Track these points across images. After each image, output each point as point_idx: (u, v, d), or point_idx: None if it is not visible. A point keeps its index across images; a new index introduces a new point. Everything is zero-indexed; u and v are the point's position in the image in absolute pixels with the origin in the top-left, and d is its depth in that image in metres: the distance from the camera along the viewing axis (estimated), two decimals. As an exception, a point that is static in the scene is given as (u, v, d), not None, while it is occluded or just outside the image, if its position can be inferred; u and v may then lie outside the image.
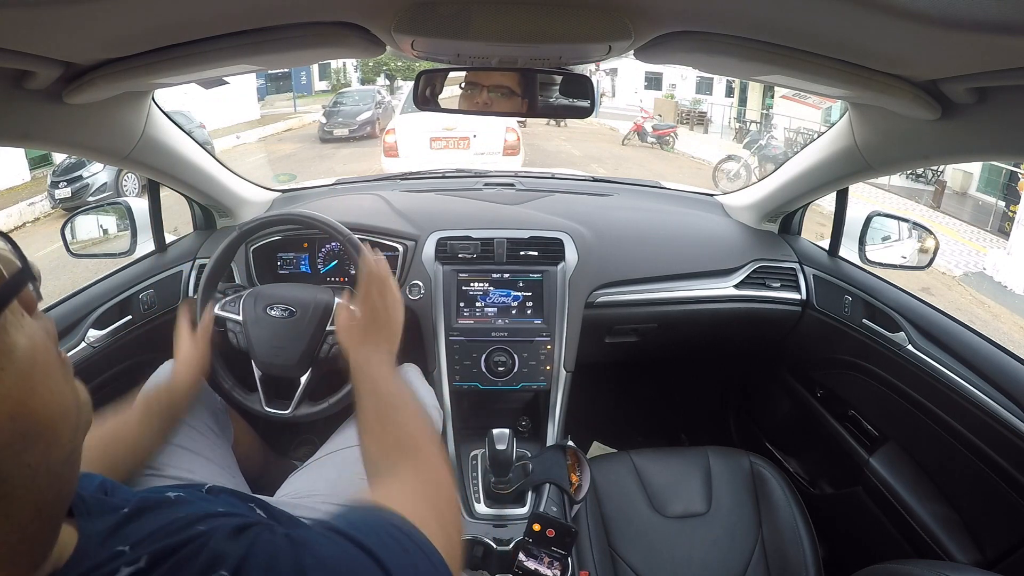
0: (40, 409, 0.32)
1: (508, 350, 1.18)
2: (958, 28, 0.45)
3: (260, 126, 13.38)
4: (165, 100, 1.03)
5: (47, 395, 0.33)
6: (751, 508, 1.12)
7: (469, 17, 0.59)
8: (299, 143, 11.93)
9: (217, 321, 1.02)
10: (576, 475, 1.03)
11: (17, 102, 0.68)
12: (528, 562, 0.85)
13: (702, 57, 0.68)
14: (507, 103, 0.88)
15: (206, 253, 1.30)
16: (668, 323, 1.34)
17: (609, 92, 21.00)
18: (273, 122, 13.87)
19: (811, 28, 0.57)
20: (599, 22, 0.59)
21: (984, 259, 7.06)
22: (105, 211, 1.34)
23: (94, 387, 1.10)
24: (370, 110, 11.51)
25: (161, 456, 0.85)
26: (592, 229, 1.32)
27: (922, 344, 1.07)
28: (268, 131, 13.09)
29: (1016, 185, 8.61)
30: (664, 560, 1.05)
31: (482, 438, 1.00)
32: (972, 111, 0.69)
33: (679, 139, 12.62)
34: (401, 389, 0.72)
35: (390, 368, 0.76)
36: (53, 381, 0.34)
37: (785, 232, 1.45)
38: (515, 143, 5.66)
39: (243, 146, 11.65)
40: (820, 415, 1.34)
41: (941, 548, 1.00)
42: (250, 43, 0.64)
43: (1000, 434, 0.90)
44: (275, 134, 13.06)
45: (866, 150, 0.98)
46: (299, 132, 13.56)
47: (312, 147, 11.24)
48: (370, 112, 11.46)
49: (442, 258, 1.25)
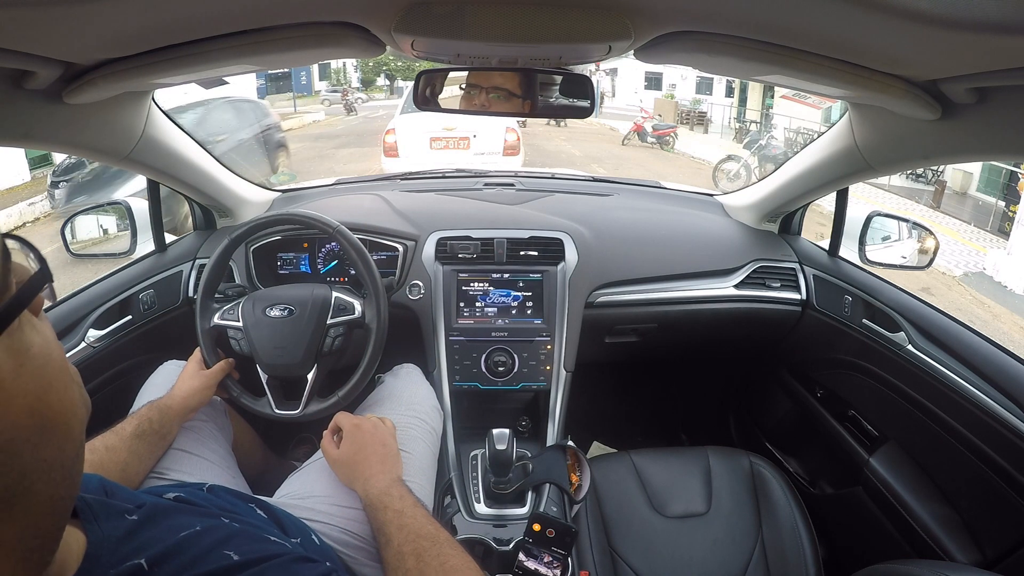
0: (55, 404, 0.33)
1: (508, 350, 1.18)
2: (958, 28, 0.45)
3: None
4: (165, 100, 1.03)
5: (61, 390, 0.34)
6: (751, 508, 1.12)
7: (469, 17, 0.59)
8: (299, 143, 11.92)
9: (217, 330, 1.02)
10: (576, 475, 1.03)
11: (17, 102, 0.68)
12: (528, 562, 0.84)
13: (702, 57, 0.67)
14: (507, 104, 0.88)
15: (206, 253, 1.30)
16: (668, 323, 1.34)
17: (609, 92, 21.00)
18: (273, 122, 13.85)
19: (811, 28, 0.57)
20: (599, 22, 0.59)
21: (984, 259, 7.06)
22: (105, 211, 1.34)
23: (94, 387, 1.10)
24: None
25: (161, 456, 0.84)
26: (592, 229, 1.32)
27: (922, 344, 1.07)
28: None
29: (1016, 185, 8.61)
30: (664, 560, 1.05)
31: (482, 438, 1.00)
32: (972, 111, 0.69)
33: (679, 139, 12.63)
34: (429, 518, 0.70)
35: (409, 495, 0.74)
36: (66, 376, 0.35)
37: (785, 232, 1.45)
38: (515, 143, 5.65)
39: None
40: (820, 415, 1.34)
41: (941, 548, 1.00)
42: (250, 43, 0.64)
43: (1000, 434, 0.90)
44: (275, 134, 13.05)
45: (866, 150, 0.98)
46: (299, 132, 13.55)
47: (312, 147, 11.24)
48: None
49: (442, 258, 1.25)
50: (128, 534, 0.41)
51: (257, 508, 0.65)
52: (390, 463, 0.81)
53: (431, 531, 0.66)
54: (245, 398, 1.01)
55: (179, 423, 0.89)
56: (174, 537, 0.42)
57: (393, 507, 0.70)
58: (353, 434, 0.84)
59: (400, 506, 0.70)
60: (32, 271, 0.34)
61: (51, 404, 0.32)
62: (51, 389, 0.33)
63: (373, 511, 0.72)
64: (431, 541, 0.64)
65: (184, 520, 0.46)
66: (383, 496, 0.72)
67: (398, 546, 0.65)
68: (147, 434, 0.81)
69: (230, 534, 0.46)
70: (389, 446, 0.84)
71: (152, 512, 0.46)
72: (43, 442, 0.32)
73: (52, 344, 0.34)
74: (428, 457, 0.97)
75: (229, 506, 0.61)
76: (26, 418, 0.31)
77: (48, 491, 0.33)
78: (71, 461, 0.35)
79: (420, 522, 0.67)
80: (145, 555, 0.39)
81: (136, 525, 0.43)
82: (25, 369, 0.31)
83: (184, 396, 0.91)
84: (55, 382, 0.33)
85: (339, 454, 0.83)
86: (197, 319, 1.02)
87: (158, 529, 0.43)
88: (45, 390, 0.32)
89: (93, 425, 0.40)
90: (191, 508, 0.54)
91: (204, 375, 0.95)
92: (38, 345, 0.32)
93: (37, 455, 0.31)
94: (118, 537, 0.41)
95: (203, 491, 0.65)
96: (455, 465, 1.07)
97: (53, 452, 0.33)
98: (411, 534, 0.66)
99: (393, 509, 0.70)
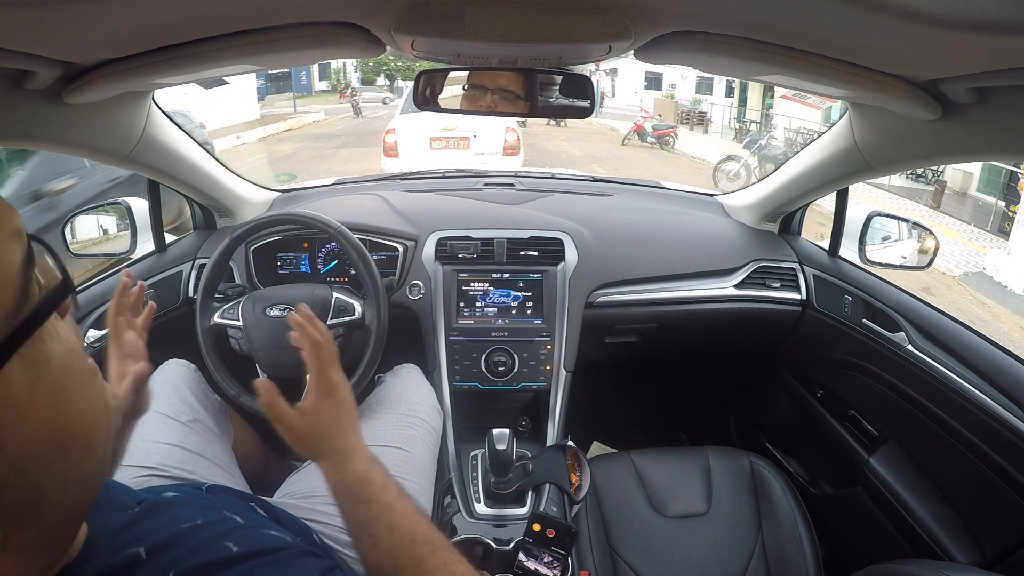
0: (75, 419, 0.32)
1: (508, 350, 1.18)
2: (958, 28, 0.45)
3: (260, 126, 13.38)
4: (165, 100, 1.03)
5: (82, 404, 0.32)
6: (751, 508, 1.12)
7: (469, 17, 0.59)
8: (299, 143, 11.93)
9: (218, 329, 1.02)
10: (576, 475, 1.03)
11: (17, 102, 0.68)
12: (528, 562, 0.84)
13: (702, 57, 0.67)
14: (509, 104, 0.88)
15: (206, 253, 1.30)
16: (668, 323, 1.34)
17: (609, 92, 21.00)
18: (273, 122, 13.87)
19: (811, 28, 0.57)
20: (599, 22, 0.59)
21: (984, 259, 7.06)
22: (105, 211, 1.34)
23: None
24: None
25: (161, 456, 0.84)
26: (592, 229, 1.32)
27: (922, 344, 1.07)
28: (268, 131, 13.07)
29: (1016, 185, 8.61)
30: (664, 560, 1.05)
31: (482, 438, 1.00)
32: (972, 111, 0.69)
33: (679, 139, 12.63)
34: (419, 514, 0.59)
35: (391, 483, 0.61)
36: (88, 388, 0.33)
37: (785, 232, 1.45)
38: (515, 143, 5.66)
39: (243, 146, 11.65)
40: (820, 415, 1.34)
41: (941, 548, 1.00)
42: (250, 43, 0.64)
43: (1000, 434, 0.90)
44: (275, 134, 13.06)
45: (866, 150, 0.98)
46: (299, 132, 13.57)
47: (312, 147, 11.24)
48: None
49: (442, 258, 1.25)
50: (128, 524, 0.41)
51: (257, 507, 0.65)
52: (361, 435, 0.65)
53: (426, 533, 0.57)
54: (244, 398, 1.01)
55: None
56: (175, 528, 0.42)
57: (378, 499, 0.58)
58: (323, 405, 0.63)
59: (386, 499, 0.58)
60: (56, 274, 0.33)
61: (70, 419, 0.31)
62: (70, 403, 0.31)
63: (351, 501, 0.59)
64: (430, 547, 0.56)
65: (186, 513, 0.45)
66: (364, 485, 0.59)
67: (390, 551, 0.56)
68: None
69: (231, 528, 0.46)
70: (352, 404, 0.68)
71: (153, 506, 0.45)
72: (60, 457, 0.31)
73: (75, 353, 0.33)
74: (428, 457, 0.97)
75: (229, 505, 0.61)
76: (42, 434, 0.29)
77: (65, 502, 0.32)
78: (92, 474, 0.34)
79: (412, 521, 0.58)
80: (144, 544, 0.39)
81: (137, 516, 0.43)
82: (42, 383, 0.30)
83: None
84: (75, 396, 0.32)
85: (305, 424, 0.62)
86: (197, 318, 1.02)
87: (159, 520, 0.43)
88: (64, 404, 0.31)
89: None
90: (192, 503, 0.54)
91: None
92: (58, 356, 0.31)
93: (52, 469, 0.30)
94: (118, 526, 0.40)
95: (202, 491, 0.65)
96: (455, 465, 1.07)
97: (71, 466, 0.31)
98: (405, 537, 0.56)
99: (379, 503, 0.57)
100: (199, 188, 1.25)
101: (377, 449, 0.88)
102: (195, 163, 1.18)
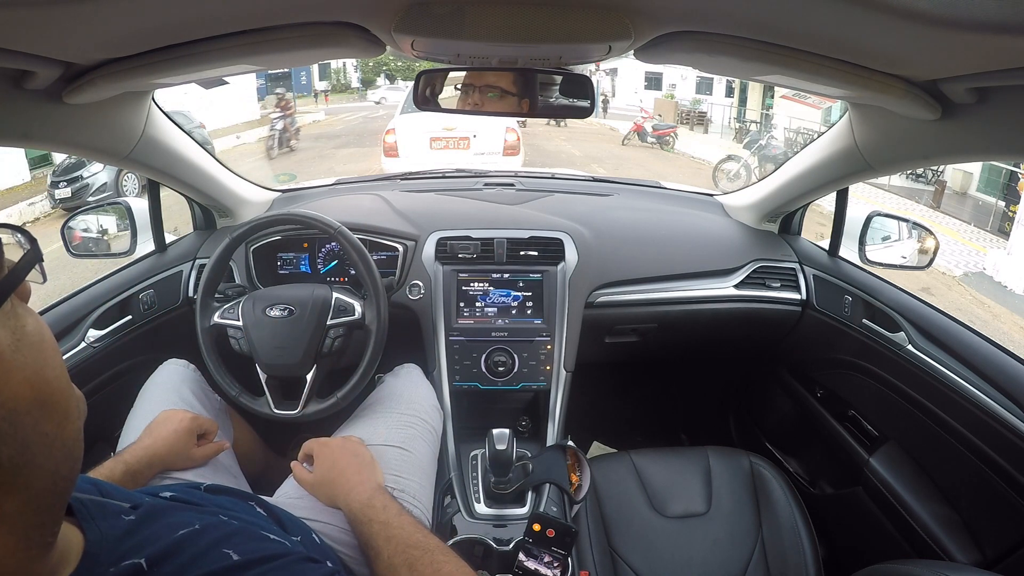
0: (53, 381, 0.34)
1: (508, 350, 1.18)
2: (958, 28, 0.45)
3: (260, 126, 13.36)
4: (165, 100, 1.03)
5: (58, 368, 0.35)
6: (751, 508, 1.12)
7: (469, 17, 0.59)
8: (299, 143, 11.92)
9: (218, 329, 1.02)
10: (576, 475, 1.03)
11: (17, 102, 0.68)
12: (528, 562, 0.84)
13: (702, 57, 0.67)
14: (505, 103, 0.88)
15: (206, 253, 1.30)
16: (668, 323, 1.34)
17: (609, 92, 21.00)
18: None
19: (811, 28, 0.57)
20: (599, 22, 0.59)
21: (984, 259, 7.06)
22: (105, 211, 1.34)
23: (94, 387, 1.10)
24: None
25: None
26: (592, 229, 1.32)
27: (922, 344, 1.07)
28: (268, 131, 13.04)
29: (1016, 185, 8.61)
30: (664, 560, 1.05)
31: (482, 438, 1.00)
32: (972, 111, 0.69)
33: (679, 139, 12.63)
34: (417, 525, 0.68)
35: (393, 503, 0.72)
36: (60, 359, 0.36)
37: (785, 232, 1.45)
38: (515, 143, 5.66)
39: (243, 146, 11.64)
40: (820, 415, 1.34)
41: (941, 548, 1.00)
42: (250, 43, 0.64)
43: (1000, 434, 0.90)
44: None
45: (866, 150, 0.98)
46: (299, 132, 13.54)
47: (312, 147, 11.23)
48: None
49: (442, 258, 1.25)
50: (126, 533, 0.41)
51: (257, 506, 0.65)
52: (367, 472, 0.79)
53: (420, 539, 0.64)
54: (244, 398, 1.01)
55: (157, 473, 0.81)
56: (172, 535, 0.42)
57: (378, 519, 0.68)
58: (322, 453, 0.82)
59: (385, 517, 0.68)
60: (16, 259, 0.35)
61: (49, 380, 0.34)
62: (47, 366, 0.34)
63: (358, 525, 0.70)
64: (422, 550, 0.62)
65: (182, 518, 0.46)
66: (366, 509, 0.70)
67: (388, 558, 0.63)
68: (131, 477, 0.76)
69: (229, 532, 0.46)
70: (362, 455, 0.82)
71: (150, 511, 0.45)
72: (43, 417, 0.33)
73: (44, 327, 0.35)
74: (428, 457, 0.97)
75: (228, 504, 0.61)
76: (27, 391, 0.32)
77: (49, 465, 0.34)
78: (71, 441, 0.36)
79: (408, 531, 0.65)
80: (144, 554, 0.39)
81: (134, 524, 0.43)
82: (23, 344, 0.32)
83: (171, 455, 0.82)
84: (51, 360, 0.35)
85: (314, 476, 0.81)
86: (197, 318, 1.02)
87: (156, 527, 0.43)
88: (42, 366, 0.33)
89: (95, 425, 0.41)
90: (189, 506, 0.54)
91: (196, 452, 0.85)
92: (32, 325, 0.34)
93: (38, 428, 0.33)
94: (117, 536, 0.41)
95: (200, 490, 0.65)
96: (455, 465, 1.07)
97: (53, 428, 0.34)
98: (400, 544, 0.63)
99: (378, 521, 0.67)
100: (199, 188, 1.25)
101: (377, 448, 0.89)
102: (195, 163, 1.18)
